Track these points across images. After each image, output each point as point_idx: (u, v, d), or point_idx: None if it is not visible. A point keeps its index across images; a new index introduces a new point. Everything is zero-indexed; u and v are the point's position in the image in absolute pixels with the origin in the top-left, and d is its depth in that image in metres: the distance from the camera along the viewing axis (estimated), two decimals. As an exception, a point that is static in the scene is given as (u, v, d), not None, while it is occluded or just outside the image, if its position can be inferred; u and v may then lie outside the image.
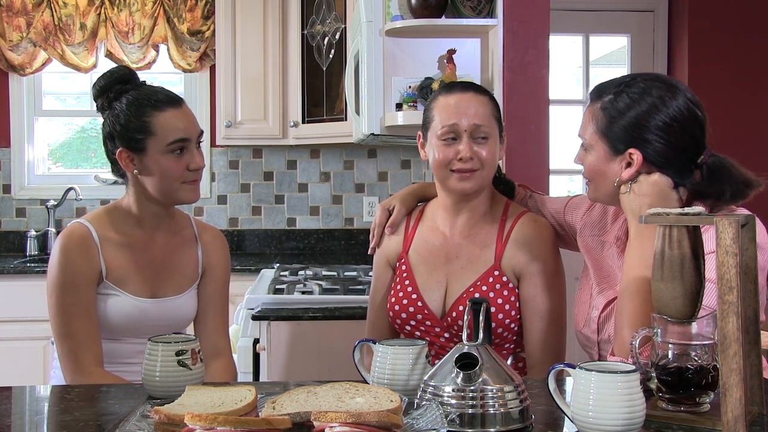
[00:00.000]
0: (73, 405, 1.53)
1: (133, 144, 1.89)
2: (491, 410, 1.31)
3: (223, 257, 2.11)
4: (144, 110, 1.88)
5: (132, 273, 1.95)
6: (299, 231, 4.60)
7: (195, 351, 1.56)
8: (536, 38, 2.72)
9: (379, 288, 2.10)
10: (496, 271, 1.93)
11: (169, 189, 1.91)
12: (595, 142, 1.69)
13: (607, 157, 1.68)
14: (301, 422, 1.22)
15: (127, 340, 1.95)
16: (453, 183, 1.92)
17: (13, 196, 4.47)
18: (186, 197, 1.94)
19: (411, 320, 1.98)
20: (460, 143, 1.89)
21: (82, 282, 1.88)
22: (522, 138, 2.69)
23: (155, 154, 1.88)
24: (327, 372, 2.56)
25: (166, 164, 1.89)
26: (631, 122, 1.64)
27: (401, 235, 2.07)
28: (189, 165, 1.90)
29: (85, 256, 1.90)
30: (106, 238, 1.93)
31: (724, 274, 1.27)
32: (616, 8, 4.64)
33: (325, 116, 4.11)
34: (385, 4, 2.88)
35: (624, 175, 1.66)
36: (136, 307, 1.93)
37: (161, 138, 1.88)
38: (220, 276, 2.09)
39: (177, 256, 2.03)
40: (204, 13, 4.35)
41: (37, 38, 4.29)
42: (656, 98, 1.63)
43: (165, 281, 1.99)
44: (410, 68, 2.89)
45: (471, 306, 1.41)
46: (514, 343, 1.97)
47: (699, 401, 1.39)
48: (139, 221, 1.98)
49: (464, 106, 1.91)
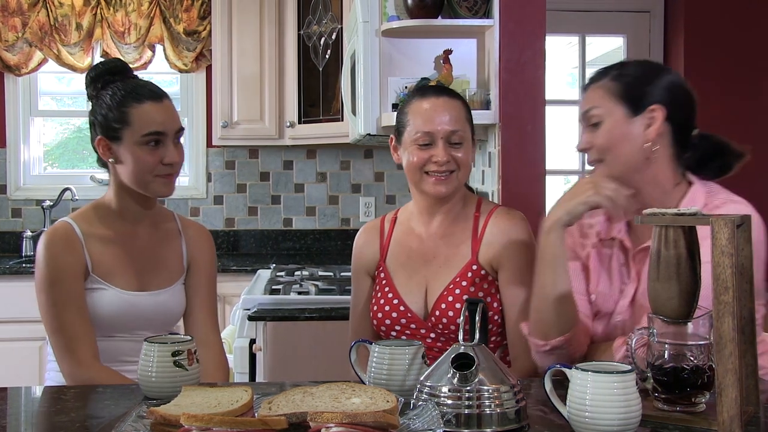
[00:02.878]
0: (69, 406, 1.53)
1: (110, 133, 1.91)
2: (487, 410, 1.31)
3: (208, 251, 2.11)
4: (125, 101, 1.91)
5: (118, 266, 1.95)
6: (295, 231, 4.60)
7: (191, 351, 1.57)
8: (532, 39, 2.72)
9: (359, 298, 2.11)
10: (474, 266, 1.94)
11: (141, 180, 1.92)
12: (611, 107, 1.70)
13: (627, 120, 1.69)
14: (298, 423, 1.22)
15: (118, 337, 1.95)
16: (428, 186, 1.94)
17: (8, 196, 4.47)
18: (158, 190, 1.94)
19: (396, 325, 1.99)
20: (436, 148, 1.92)
21: (70, 275, 1.89)
22: (518, 138, 2.69)
23: (130, 145, 1.90)
24: (323, 372, 2.56)
25: (139, 155, 1.90)
26: (646, 80, 1.70)
27: (377, 244, 2.08)
28: (163, 159, 1.91)
29: (69, 251, 1.91)
30: (89, 233, 1.94)
31: (720, 274, 1.27)
32: (612, 9, 4.64)
33: (322, 116, 4.11)
34: (381, 4, 2.88)
35: (651, 133, 1.67)
36: (125, 301, 1.93)
37: (137, 129, 1.89)
38: (206, 269, 2.09)
39: (162, 249, 2.03)
40: (200, 13, 4.35)
41: (32, 38, 4.29)
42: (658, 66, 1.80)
43: (152, 274, 2.00)
44: (406, 68, 2.90)
45: (467, 306, 1.42)
46: (500, 336, 1.98)
47: (695, 401, 1.40)
48: (121, 215, 1.99)
49: (439, 112, 1.93)
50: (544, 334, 1.68)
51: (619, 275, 1.76)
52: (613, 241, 1.79)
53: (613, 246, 1.79)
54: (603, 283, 1.78)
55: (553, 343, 1.67)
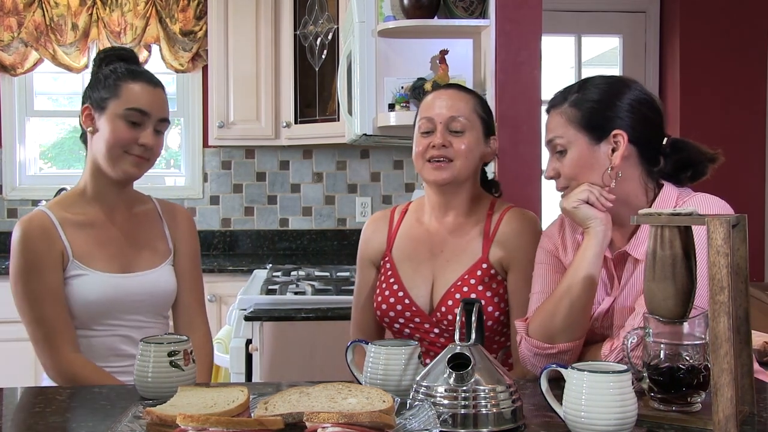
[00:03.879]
0: (65, 406, 1.53)
1: (98, 102, 1.94)
2: (483, 410, 1.31)
3: (190, 233, 2.11)
4: (121, 77, 1.94)
5: (96, 250, 1.95)
6: (292, 231, 4.60)
7: (187, 352, 1.57)
8: (528, 39, 2.72)
9: (363, 288, 2.10)
10: (484, 264, 1.93)
11: (112, 154, 1.92)
12: (573, 136, 1.68)
13: (591, 147, 1.67)
14: (294, 423, 1.22)
15: (111, 325, 1.93)
16: (427, 173, 1.95)
17: (4, 196, 4.46)
18: (126, 168, 1.93)
19: (399, 318, 1.97)
20: (435, 133, 1.93)
21: (47, 265, 1.89)
22: (514, 139, 2.69)
23: (112, 115, 1.91)
24: (319, 372, 2.56)
25: (116, 127, 1.91)
26: (606, 104, 1.67)
27: (385, 234, 2.07)
28: (139, 139, 1.92)
29: (46, 239, 1.90)
30: (65, 219, 1.94)
31: (716, 274, 1.27)
32: (608, 9, 4.65)
33: (318, 117, 4.11)
34: (377, 4, 2.88)
35: (616, 159, 1.66)
36: (109, 284, 1.92)
37: (122, 102, 1.91)
38: (189, 251, 2.09)
39: (141, 231, 2.03)
40: (196, 13, 4.35)
41: (28, 38, 4.28)
42: (618, 84, 1.72)
43: (134, 256, 1.99)
44: (402, 69, 2.90)
45: (464, 306, 1.42)
46: (505, 336, 1.97)
47: (690, 401, 1.40)
48: (96, 199, 1.98)
49: (442, 100, 1.95)
50: (551, 337, 1.65)
51: (602, 285, 1.74)
52: None
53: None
54: None
55: (561, 347, 1.64)
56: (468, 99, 1.97)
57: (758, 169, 4.46)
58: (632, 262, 1.68)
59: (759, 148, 4.46)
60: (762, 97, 4.46)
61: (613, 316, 1.70)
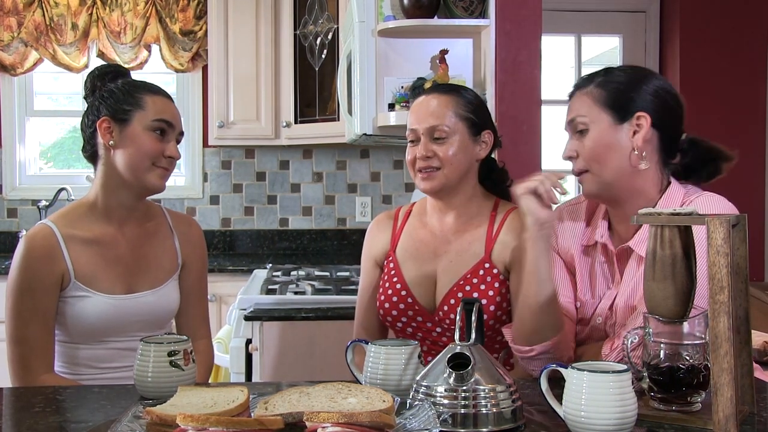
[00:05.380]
0: (65, 406, 1.53)
1: (119, 114, 1.90)
2: (483, 410, 1.31)
3: (201, 247, 2.11)
4: (138, 89, 1.94)
5: (101, 270, 1.92)
6: (292, 231, 4.60)
7: (187, 351, 1.57)
8: (528, 38, 2.72)
9: (366, 287, 2.10)
10: (487, 264, 1.94)
11: (139, 166, 1.90)
12: (597, 115, 1.68)
13: (613, 128, 1.67)
14: (294, 422, 1.22)
15: (110, 342, 1.93)
16: (418, 182, 1.98)
17: (4, 196, 4.46)
18: (153, 181, 1.92)
19: (402, 317, 1.98)
20: (420, 145, 1.95)
21: (41, 287, 1.86)
22: (514, 138, 2.69)
23: (138, 127, 1.90)
24: (319, 372, 2.56)
25: (145, 139, 1.90)
26: (632, 86, 1.68)
27: (389, 233, 2.07)
28: (165, 151, 1.91)
29: (47, 260, 1.87)
30: (71, 236, 1.91)
31: (716, 273, 1.27)
32: (608, 9, 4.65)
33: (318, 116, 4.11)
34: (377, 4, 2.88)
35: (638, 140, 1.65)
36: (111, 306, 1.90)
37: (149, 113, 1.90)
38: (199, 267, 2.09)
39: (151, 248, 2.00)
40: (196, 13, 4.35)
41: (28, 38, 4.28)
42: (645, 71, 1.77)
43: (139, 275, 1.97)
44: (402, 68, 2.90)
45: (463, 306, 1.42)
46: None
47: (690, 401, 1.40)
48: (105, 214, 1.95)
49: (423, 109, 1.96)
50: (527, 341, 1.68)
51: (603, 279, 1.75)
52: (595, 246, 1.79)
53: (595, 251, 1.79)
54: (584, 291, 1.79)
55: (538, 348, 1.66)
56: (448, 102, 1.95)
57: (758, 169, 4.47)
58: (636, 259, 1.68)
59: (759, 148, 4.47)
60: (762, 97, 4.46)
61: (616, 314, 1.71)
